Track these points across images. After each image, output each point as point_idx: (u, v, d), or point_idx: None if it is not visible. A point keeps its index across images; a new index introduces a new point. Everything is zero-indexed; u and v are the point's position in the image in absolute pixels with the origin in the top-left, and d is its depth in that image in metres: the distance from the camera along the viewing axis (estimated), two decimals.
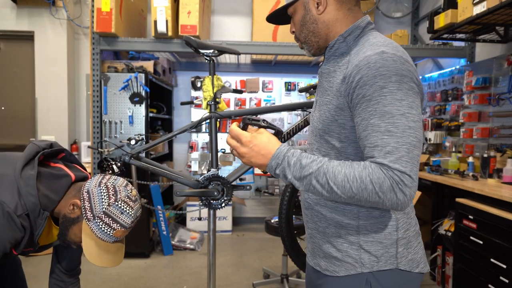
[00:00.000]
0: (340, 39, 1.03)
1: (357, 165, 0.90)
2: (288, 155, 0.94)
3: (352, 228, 1.01)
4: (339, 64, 1.02)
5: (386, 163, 0.86)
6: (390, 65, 0.89)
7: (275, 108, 1.97)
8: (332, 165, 0.91)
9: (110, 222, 1.20)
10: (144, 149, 1.83)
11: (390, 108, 0.88)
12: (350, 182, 0.88)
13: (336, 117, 0.98)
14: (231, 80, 4.64)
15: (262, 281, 3.02)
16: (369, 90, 0.89)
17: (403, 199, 0.87)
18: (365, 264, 1.00)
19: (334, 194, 0.90)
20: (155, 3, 3.37)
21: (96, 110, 3.50)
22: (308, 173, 0.91)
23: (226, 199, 1.80)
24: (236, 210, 4.77)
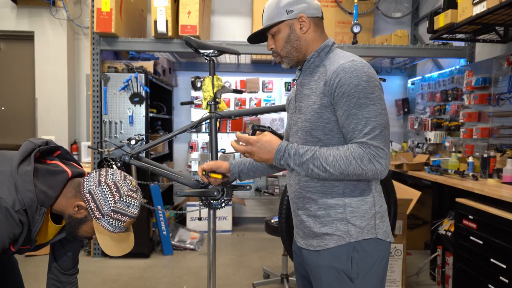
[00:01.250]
0: (315, 54, 1.30)
1: (342, 147, 1.18)
2: (288, 148, 1.21)
3: (340, 207, 1.25)
4: (316, 74, 1.28)
5: (365, 140, 1.14)
6: (360, 69, 1.17)
7: (275, 108, 1.97)
8: (323, 150, 1.18)
9: (119, 217, 1.27)
10: (144, 149, 1.83)
11: (364, 100, 1.15)
12: (339, 160, 1.15)
13: (321, 114, 1.22)
14: (231, 80, 4.64)
15: (262, 281, 3.02)
16: (347, 88, 1.16)
17: (381, 168, 1.15)
18: (352, 235, 1.23)
19: (328, 172, 1.17)
20: (155, 3, 3.37)
21: (96, 110, 3.50)
22: (305, 159, 1.18)
23: (226, 199, 1.80)
24: (236, 210, 4.77)
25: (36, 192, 1.18)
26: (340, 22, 4.11)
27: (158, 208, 3.61)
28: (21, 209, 1.15)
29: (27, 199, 1.16)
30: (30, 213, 1.18)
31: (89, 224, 1.28)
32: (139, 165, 1.80)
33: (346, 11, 4.07)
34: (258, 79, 4.64)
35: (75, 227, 1.28)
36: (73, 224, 1.28)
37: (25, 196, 1.16)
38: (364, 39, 4.03)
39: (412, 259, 3.52)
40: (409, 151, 4.30)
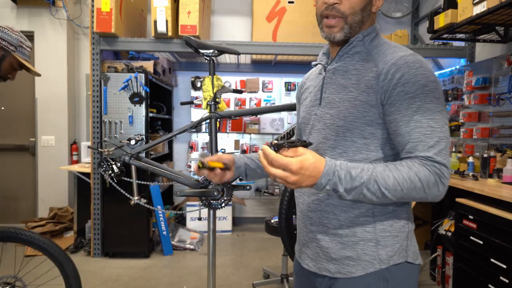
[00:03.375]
0: (360, 37, 1.05)
1: (402, 166, 0.92)
2: (337, 169, 0.91)
3: (368, 224, 1.01)
4: (357, 61, 1.04)
5: (431, 155, 0.92)
6: (426, 66, 0.96)
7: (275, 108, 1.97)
8: (379, 171, 0.91)
9: (25, 47, 1.70)
10: (144, 149, 1.83)
11: (431, 105, 0.94)
12: (401, 184, 0.90)
13: (364, 114, 0.99)
14: (231, 80, 4.64)
15: (262, 281, 3.02)
16: (412, 87, 0.94)
17: (443, 190, 0.93)
18: (383, 260, 1.00)
19: (385, 198, 0.92)
20: (155, 3, 3.37)
21: (96, 110, 3.50)
22: (360, 183, 0.90)
23: (226, 199, 1.80)
24: (236, 210, 4.77)
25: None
26: None
27: (158, 208, 3.61)
28: None
29: None
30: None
31: (8, 60, 1.64)
32: (139, 165, 1.80)
33: None
34: (258, 79, 4.64)
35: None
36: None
37: None
38: None
39: None
40: None
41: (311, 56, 3.93)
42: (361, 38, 1.06)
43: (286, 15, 4.06)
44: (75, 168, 3.77)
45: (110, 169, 1.74)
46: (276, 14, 4.06)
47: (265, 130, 4.63)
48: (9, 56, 1.64)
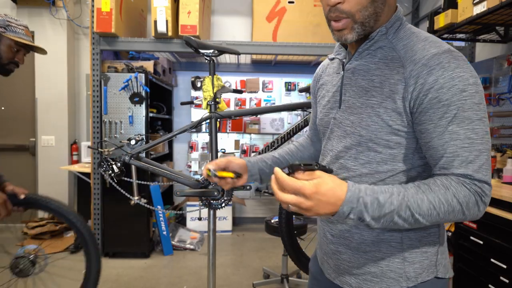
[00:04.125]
0: (383, 30, 0.90)
1: (437, 187, 0.81)
2: (361, 195, 0.79)
3: (394, 241, 0.92)
4: (382, 60, 0.90)
5: (470, 173, 0.81)
6: (463, 65, 0.81)
7: (275, 108, 1.97)
8: (411, 194, 0.80)
9: (16, 25, 1.64)
10: (144, 149, 1.83)
11: (469, 113, 0.80)
12: (438, 208, 0.80)
13: (390, 123, 0.87)
14: (231, 80, 4.64)
15: (262, 281, 3.02)
16: (447, 93, 0.80)
17: (483, 209, 0.83)
18: (410, 278, 0.91)
19: (418, 223, 0.81)
20: (155, 3, 3.37)
21: (96, 110, 3.50)
22: (390, 210, 0.79)
23: (226, 199, 1.80)
24: (236, 210, 4.77)
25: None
26: None
27: (158, 208, 3.61)
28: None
29: None
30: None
31: (4, 43, 1.60)
32: (139, 165, 1.80)
33: None
34: (258, 79, 4.64)
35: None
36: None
37: None
38: None
39: None
40: None
41: (311, 56, 3.93)
42: (384, 31, 0.90)
43: (286, 15, 4.06)
44: (75, 168, 3.77)
45: (110, 169, 1.74)
46: (276, 14, 4.06)
47: (265, 130, 4.64)
48: (2, 39, 1.60)
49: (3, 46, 1.61)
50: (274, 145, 1.83)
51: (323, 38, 4.00)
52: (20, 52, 1.68)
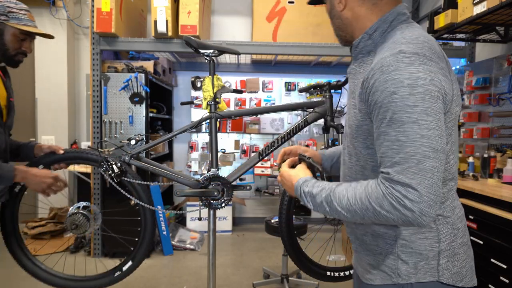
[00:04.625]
0: (365, 37, 0.98)
1: (360, 186, 0.89)
2: (302, 187, 1.00)
3: (389, 237, 0.97)
4: (364, 64, 0.98)
5: (391, 173, 0.82)
6: (404, 67, 0.83)
7: (275, 108, 1.97)
8: (338, 191, 0.91)
9: (18, 11, 1.51)
10: (144, 149, 1.83)
11: (400, 115, 0.82)
12: (353, 205, 0.87)
13: (361, 123, 0.94)
14: (231, 80, 4.64)
15: (262, 281, 3.02)
16: (380, 96, 0.85)
17: (412, 215, 0.81)
18: (401, 275, 0.96)
19: (345, 217, 0.90)
20: (155, 3, 3.37)
21: (96, 110, 3.50)
22: (320, 201, 0.94)
23: (226, 199, 1.80)
24: (236, 210, 4.77)
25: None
26: None
27: (158, 208, 3.61)
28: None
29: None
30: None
31: (8, 32, 1.48)
32: (139, 165, 1.80)
33: None
34: (258, 79, 4.64)
35: (2, 45, 1.49)
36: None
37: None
38: None
39: None
40: None
41: (311, 56, 3.93)
42: (367, 37, 0.98)
43: (286, 15, 4.06)
44: (75, 168, 3.77)
45: (110, 169, 1.74)
46: (276, 14, 4.06)
47: (265, 130, 4.64)
48: (6, 28, 1.48)
49: (8, 35, 1.49)
50: (274, 145, 1.83)
51: (323, 38, 4.00)
52: (26, 40, 1.56)
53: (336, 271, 1.83)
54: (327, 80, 2.08)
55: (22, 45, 1.55)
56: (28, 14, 1.55)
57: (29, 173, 1.49)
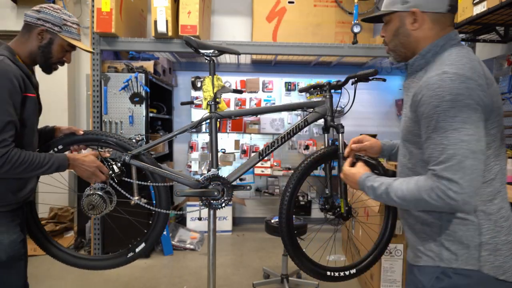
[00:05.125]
0: (419, 57, 1.18)
1: (413, 180, 1.10)
2: (365, 183, 1.26)
3: (435, 226, 1.15)
4: (416, 79, 1.18)
5: (437, 170, 1.02)
6: (446, 85, 1.02)
7: (275, 108, 1.97)
8: (395, 184, 1.14)
9: (71, 24, 1.58)
10: (144, 149, 1.83)
11: (443, 124, 1.02)
12: (408, 196, 1.09)
13: (411, 128, 1.16)
14: (231, 80, 4.64)
15: (262, 281, 3.02)
16: (426, 108, 1.06)
17: (456, 204, 1.01)
18: (443, 260, 1.12)
19: (400, 205, 1.14)
20: (155, 3, 3.37)
21: (96, 110, 3.50)
22: (379, 193, 1.19)
23: (226, 199, 1.80)
24: (236, 210, 4.77)
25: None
26: (340, 22, 4.11)
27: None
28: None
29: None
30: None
31: (57, 42, 1.55)
32: (139, 165, 1.80)
33: (346, 11, 4.07)
34: (258, 79, 4.64)
35: (48, 52, 1.55)
36: (46, 51, 1.55)
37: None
38: (365, 39, 4.03)
39: None
40: None
41: (311, 56, 3.93)
42: (421, 57, 1.18)
43: (286, 15, 4.06)
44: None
45: (111, 169, 1.74)
46: (276, 14, 4.06)
47: (265, 130, 4.64)
48: (56, 38, 1.54)
49: (56, 45, 1.56)
50: (274, 145, 1.83)
51: (323, 38, 4.00)
52: (69, 52, 1.63)
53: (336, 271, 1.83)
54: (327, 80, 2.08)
55: (64, 55, 1.61)
56: (78, 28, 1.63)
57: (78, 160, 1.57)
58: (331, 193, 1.80)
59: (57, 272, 3.22)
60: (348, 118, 4.47)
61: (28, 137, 1.50)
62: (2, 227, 1.46)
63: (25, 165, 1.39)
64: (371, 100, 4.72)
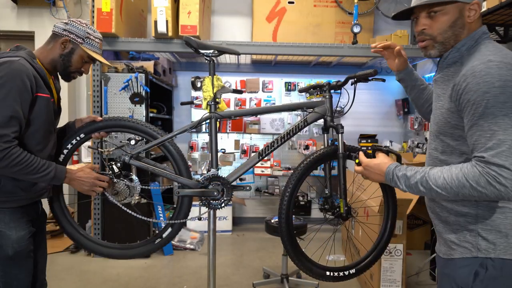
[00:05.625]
0: (454, 50, 1.17)
1: (455, 168, 1.07)
2: (395, 171, 1.20)
3: (471, 216, 1.13)
4: (451, 72, 1.17)
5: (486, 156, 1.00)
6: (494, 72, 1.01)
7: (275, 108, 1.97)
8: (433, 172, 1.10)
9: (93, 38, 1.65)
10: (144, 149, 1.83)
11: (492, 110, 1.00)
12: (449, 183, 1.05)
13: (448, 119, 1.14)
14: (231, 80, 4.65)
15: (262, 281, 3.02)
16: (473, 95, 1.03)
17: (505, 190, 0.99)
18: (481, 250, 1.10)
19: (439, 194, 1.09)
20: (155, 3, 3.37)
21: (97, 110, 3.50)
22: (414, 182, 1.13)
23: (226, 199, 1.80)
24: (236, 210, 4.77)
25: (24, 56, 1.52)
26: (340, 22, 4.11)
27: (158, 208, 3.61)
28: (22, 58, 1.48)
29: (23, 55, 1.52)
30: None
31: (78, 53, 1.62)
32: (139, 165, 1.80)
33: (346, 11, 4.07)
34: (258, 79, 4.65)
35: (68, 61, 1.63)
36: (66, 59, 1.63)
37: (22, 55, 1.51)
38: (364, 39, 4.03)
39: (412, 259, 3.52)
40: (409, 151, 4.30)
41: (311, 56, 3.93)
42: (456, 51, 1.17)
43: (286, 15, 4.06)
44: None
45: (110, 169, 1.74)
46: (276, 14, 4.06)
47: (265, 130, 4.64)
48: (78, 49, 1.62)
49: (76, 56, 1.63)
50: (274, 145, 1.83)
51: (323, 38, 4.00)
52: (88, 63, 1.70)
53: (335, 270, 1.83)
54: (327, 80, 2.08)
55: (83, 66, 1.68)
56: (100, 43, 1.69)
57: (74, 175, 1.59)
58: (330, 193, 1.80)
59: (57, 272, 3.23)
60: (348, 118, 4.47)
61: (35, 137, 1.52)
62: (12, 223, 1.49)
63: (21, 166, 1.40)
64: (371, 100, 4.72)
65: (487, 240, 1.09)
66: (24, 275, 1.55)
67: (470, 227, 1.13)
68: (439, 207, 1.23)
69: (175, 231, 1.86)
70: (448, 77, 1.18)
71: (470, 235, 1.13)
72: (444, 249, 1.22)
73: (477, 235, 1.11)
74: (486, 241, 1.10)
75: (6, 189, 1.48)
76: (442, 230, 1.23)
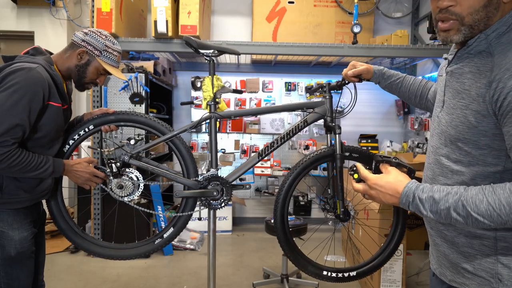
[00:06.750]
0: (482, 36, 0.92)
1: (502, 190, 0.83)
2: (417, 192, 0.91)
3: (488, 239, 0.92)
4: (475, 63, 0.93)
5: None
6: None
7: (275, 108, 1.97)
8: (471, 195, 0.85)
9: (112, 51, 1.64)
10: (144, 149, 1.83)
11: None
12: (497, 210, 0.81)
13: (475, 124, 0.90)
14: (231, 80, 4.65)
15: (262, 281, 3.02)
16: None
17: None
18: (503, 281, 0.89)
19: (480, 223, 0.84)
20: (155, 3, 3.37)
21: None
22: (445, 207, 0.87)
23: (225, 199, 1.80)
24: (236, 210, 4.77)
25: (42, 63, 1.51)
26: (340, 22, 4.11)
27: (158, 208, 3.61)
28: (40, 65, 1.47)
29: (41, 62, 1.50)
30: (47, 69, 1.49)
31: (94, 65, 1.62)
32: (139, 165, 1.80)
33: (346, 11, 4.07)
34: (258, 79, 4.64)
35: (83, 73, 1.62)
36: (81, 70, 1.62)
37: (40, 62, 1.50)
38: (364, 39, 4.03)
39: (412, 259, 3.52)
40: (409, 151, 4.29)
41: (311, 56, 3.93)
42: (484, 37, 0.92)
43: (286, 15, 4.06)
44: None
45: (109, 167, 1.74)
46: (276, 14, 4.06)
47: (265, 130, 4.64)
48: (94, 61, 1.61)
49: (92, 67, 1.62)
50: (274, 145, 1.83)
51: (323, 38, 4.00)
52: (103, 75, 1.69)
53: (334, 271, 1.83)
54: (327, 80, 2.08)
55: (98, 78, 1.67)
56: (118, 56, 1.68)
57: (71, 167, 1.61)
58: (333, 193, 1.80)
59: (57, 272, 3.23)
60: (348, 118, 4.47)
61: (40, 141, 1.52)
62: (15, 224, 1.50)
63: (21, 166, 1.41)
64: (371, 100, 4.71)
65: (510, 268, 0.89)
66: (25, 276, 1.55)
67: (486, 251, 0.91)
68: (444, 224, 1.00)
69: (177, 231, 1.84)
70: (471, 68, 0.93)
71: (487, 262, 0.91)
72: (450, 274, 1.00)
73: (497, 262, 0.90)
74: (508, 269, 0.89)
75: (8, 190, 1.48)
76: (448, 252, 1.00)
